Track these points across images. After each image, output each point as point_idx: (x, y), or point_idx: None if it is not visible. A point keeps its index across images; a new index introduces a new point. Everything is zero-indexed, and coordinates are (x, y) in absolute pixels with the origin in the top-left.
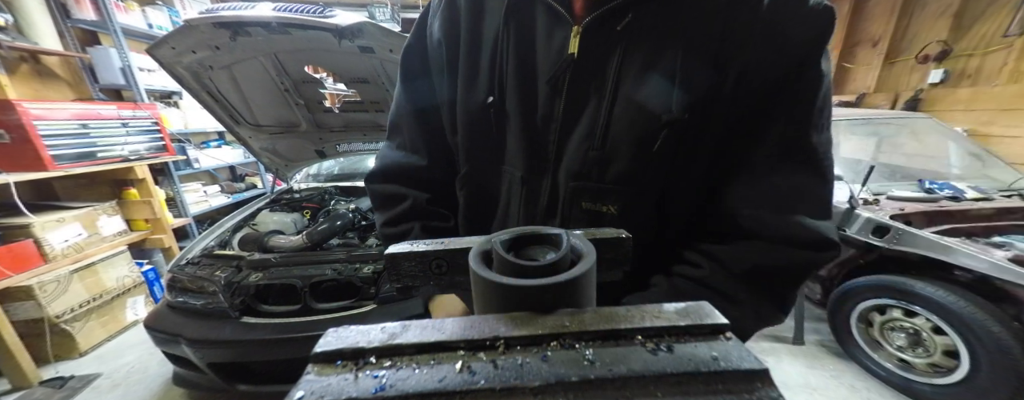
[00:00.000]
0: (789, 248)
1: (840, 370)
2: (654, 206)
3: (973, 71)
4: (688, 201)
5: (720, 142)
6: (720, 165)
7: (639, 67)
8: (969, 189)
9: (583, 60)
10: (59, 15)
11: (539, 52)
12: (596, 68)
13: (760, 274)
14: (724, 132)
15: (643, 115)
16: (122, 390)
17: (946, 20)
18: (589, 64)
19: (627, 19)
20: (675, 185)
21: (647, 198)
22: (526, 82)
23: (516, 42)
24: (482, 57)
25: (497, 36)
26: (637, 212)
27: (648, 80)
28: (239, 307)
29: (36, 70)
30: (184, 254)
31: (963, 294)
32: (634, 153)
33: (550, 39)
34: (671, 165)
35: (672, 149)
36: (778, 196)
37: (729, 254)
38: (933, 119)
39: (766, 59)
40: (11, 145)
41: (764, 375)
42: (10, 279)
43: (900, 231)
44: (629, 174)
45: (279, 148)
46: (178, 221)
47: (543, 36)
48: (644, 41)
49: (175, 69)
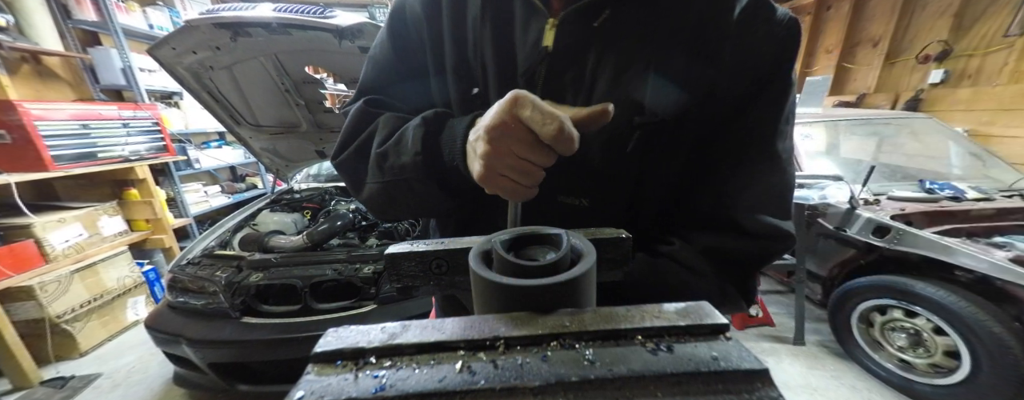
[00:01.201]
0: (754, 238)
1: (841, 371)
2: (626, 200)
3: (973, 71)
4: (660, 196)
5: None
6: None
7: (614, 67)
8: (970, 189)
9: (558, 54)
10: (60, 16)
11: (517, 44)
12: (572, 63)
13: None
14: (696, 137)
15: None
16: (123, 390)
17: (946, 20)
18: (564, 59)
19: (604, 15)
20: (647, 181)
21: (619, 193)
22: (505, 75)
23: (494, 33)
24: (467, 47)
25: (474, 25)
26: (609, 206)
27: (622, 81)
28: (240, 307)
29: (37, 71)
30: (185, 254)
31: (964, 294)
32: (607, 152)
33: (527, 31)
34: (643, 164)
35: (644, 149)
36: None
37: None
38: (934, 119)
39: (736, 73)
40: (12, 145)
41: (764, 375)
42: (11, 279)
43: (901, 231)
44: (601, 171)
45: (279, 148)
46: (179, 221)
47: (520, 28)
48: (620, 41)
49: (176, 69)
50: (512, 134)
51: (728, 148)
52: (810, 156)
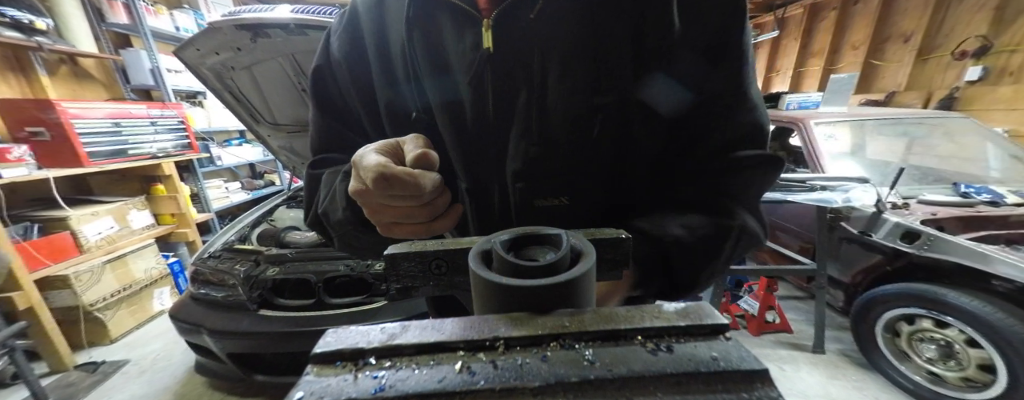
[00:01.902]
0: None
1: (864, 381)
2: (605, 190)
3: (1016, 68)
4: (641, 183)
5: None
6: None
7: (561, 54)
8: (1009, 193)
9: (500, 53)
10: (95, 19)
11: (452, 56)
12: (516, 60)
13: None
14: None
15: (574, 102)
16: (148, 376)
17: (986, 13)
18: (508, 57)
19: (539, 5)
20: (624, 167)
21: (596, 183)
22: (447, 90)
23: (425, 51)
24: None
25: (404, 50)
26: (588, 198)
27: (572, 65)
28: (257, 300)
29: (74, 72)
30: (206, 248)
31: (1001, 305)
32: (574, 142)
33: (461, 40)
34: (615, 148)
35: (611, 133)
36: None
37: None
38: (971, 119)
39: (688, 35)
40: (51, 142)
41: (764, 375)
42: (49, 268)
43: (932, 237)
44: (573, 164)
45: (296, 146)
46: (201, 216)
47: (453, 38)
48: (561, 26)
49: (200, 70)
50: (367, 195)
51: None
52: (833, 157)
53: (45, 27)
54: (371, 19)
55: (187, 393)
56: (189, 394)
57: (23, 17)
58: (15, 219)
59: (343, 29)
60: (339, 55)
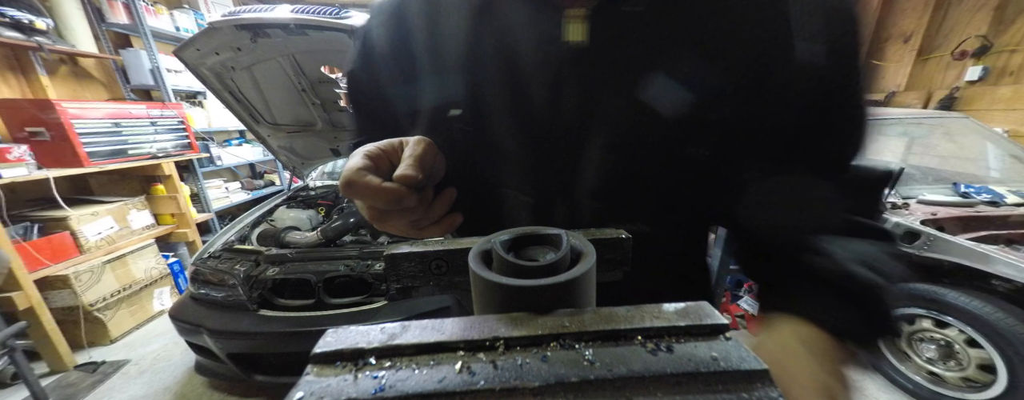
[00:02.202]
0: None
1: (863, 381)
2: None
3: (1015, 68)
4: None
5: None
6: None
7: (666, 58)
8: (1009, 193)
9: (595, 49)
10: (95, 19)
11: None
12: (611, 59)
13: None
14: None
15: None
16: (148, 376)
17: (986, 14)
18: (602, 54)
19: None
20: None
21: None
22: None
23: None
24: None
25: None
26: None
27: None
28: (257, 300)
29: (74, 72)
30: (206, 248)
31: (1001, 305)
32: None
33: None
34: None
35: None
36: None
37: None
38: (971, 119)
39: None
40: (51, 142)
41: (764, 375)
42: (49, 268)
43: (931, 237)
44: (664, 186)
45: (296, 146)
46: (201, 216)
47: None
48: (668, 27)
49: (200, 70)
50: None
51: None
52: None
53: (45, 27)
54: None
55: (187, 393)
56: (189, 394)
57: (23, 17)
58: (15, 219)
59: (389, 17)
60: (384, 44)
